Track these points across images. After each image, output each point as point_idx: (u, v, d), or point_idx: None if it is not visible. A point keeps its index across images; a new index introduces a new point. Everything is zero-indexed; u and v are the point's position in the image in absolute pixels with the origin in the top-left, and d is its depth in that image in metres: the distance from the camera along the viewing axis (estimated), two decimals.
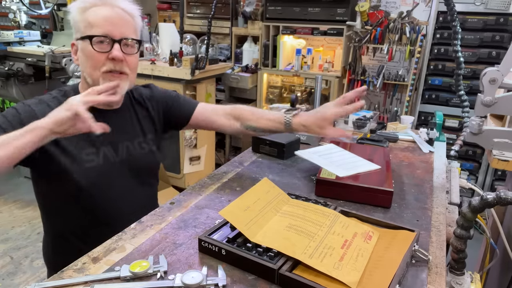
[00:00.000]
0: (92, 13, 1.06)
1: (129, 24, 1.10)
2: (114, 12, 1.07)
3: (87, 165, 1.09)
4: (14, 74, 3.09)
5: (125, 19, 1.09)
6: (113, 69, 1.07)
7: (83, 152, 1.09)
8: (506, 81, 1.24)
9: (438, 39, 3.02)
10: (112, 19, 1.06)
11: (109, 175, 1.13)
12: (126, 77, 1.10)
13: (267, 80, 3.73)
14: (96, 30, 1.04)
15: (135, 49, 1.11)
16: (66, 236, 1.17)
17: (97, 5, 1.06)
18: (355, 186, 1.05)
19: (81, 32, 1.06)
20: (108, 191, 1.14)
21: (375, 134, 1.65)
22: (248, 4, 3.67)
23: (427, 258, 0.79)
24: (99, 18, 1.05)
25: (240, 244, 0.78)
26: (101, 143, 1.12)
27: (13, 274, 2.39)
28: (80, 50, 1.09)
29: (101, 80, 1.07)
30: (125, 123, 1.20)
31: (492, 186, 3.05)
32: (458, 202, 1.18)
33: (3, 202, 3.25)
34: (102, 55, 1.05)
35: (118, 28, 1.06)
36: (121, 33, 1.06)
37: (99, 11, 1.06)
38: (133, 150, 1.19)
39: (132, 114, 1.23)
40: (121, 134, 1.17)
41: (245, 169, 1.29)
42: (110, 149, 1.14)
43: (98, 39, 1.04)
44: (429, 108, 3.14)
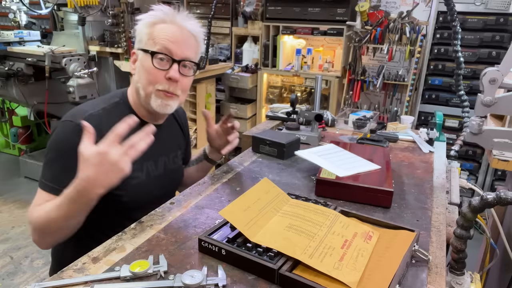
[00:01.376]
0: (159, 28, 1.06)
1: (192, 46, 1.10)
2: (180, 32, 1.07)
3: (133, 182, 1.09)
4: (14, 74, 3.08)
5: (189, 40, 1.09)
6: (167, 89, 1.08)
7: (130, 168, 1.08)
8: (506, 81, 1.24)
9: (438, 39, 3.02)
10: (176, 38, 1.06)
11: (150, 189, 1.15)
12: (177, 98, 1.11)
13: (267, 80, 3.73)
14: (159, 46, 1.05)
15: (191, 71, 1.12)
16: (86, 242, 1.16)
17: (166, 22, 1.06)
18: (355, 186, 1.05)
19: (144, 43, 1.07)
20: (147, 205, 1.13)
21: (375, 134, 1.65)
22: (248, 4, 3.68)
23: (427, 258, 0.79)
24: (164, 35, 1.05)
25: (240, 244, 0.78)
26: (143, 159, 1.10)
27: (13, 274, 2.39)
28: (139, 61, 1.09)
29: (153, 97, 1.08)
30: (164, 138, 1.22)
31: (492, 186, 3.05)
32: (458, 202, 1.18)
33: (3, 202, 3.25)
34: (159, 72, 1.06)
35: (180, 48, 1.06)
36: (182, 53, 1.07)
37: (167, 28, 1.06)
38: (169, 165, 1.22)
39: (171, 130, 1.27)
40: (161, 149, 1.20)
41: (245, 169, 1.29)
42: (152, 164, 1.16)
43: (159, 55, 1.05)
44: (429, 108, 3.14)
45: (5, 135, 4.21)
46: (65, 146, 1.01)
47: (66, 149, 1.01)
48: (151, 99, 1.08)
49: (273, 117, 1.88)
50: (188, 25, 1.08)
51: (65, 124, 1.03)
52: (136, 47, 1.11)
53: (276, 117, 1.87)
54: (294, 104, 1.70)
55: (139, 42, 1.09)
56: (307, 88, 3.66)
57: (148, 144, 0.93)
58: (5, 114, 4.07)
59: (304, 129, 1.59)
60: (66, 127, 1.03)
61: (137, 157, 1.10)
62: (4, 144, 4.34)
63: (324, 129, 1.76)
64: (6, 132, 4.19)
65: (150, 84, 1.07)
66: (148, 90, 1.08)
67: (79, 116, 1.04)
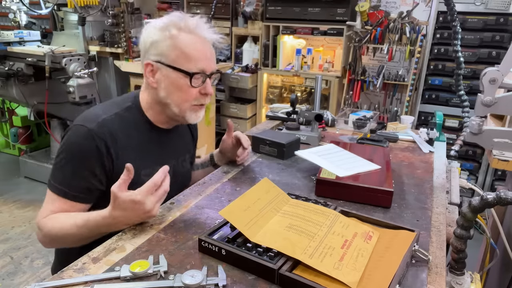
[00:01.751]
0: (186, 42, 1.03)
1: (214, 56, 1.11)
2: (206, 45, 1.07)
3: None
4: (14, 74, 3.08)
5: (213, 52, 1.09)
6: (203, 103, 1.10)
7: (141, 173, 1.09)
8: (506, 81, 1.24)
9: (438, 39, 3.02)
10: (206, 53, 1.06)
11: None
12: (204, 107, 1.14)
13: (267, 80, 3.73)
14: (194, 65, 1.03)
15: (216, 80, 1.15)
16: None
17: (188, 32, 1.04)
18: (355, 186, 1.05)
19: (172, 60, 1.03)
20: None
21: (375, 134, 1.65)
22: (248, 4, 3.68)
23: (427, 258, 0.79)
24: (197, 52, 1.04)
25: (240, 244, 0.78)
26: (154, 163, 1.11)
27: (13, 274, 2.39)
28: (166, 77, 1.05)
29: (188, 112, 1.09)
30: (174, 142, 1.22)
31: (492, 186, 3.05)
32: (458, 202, 1.18)
33: (3, 202, 3.25)
34: (196, 89, 1.06)
35: (211, 63, 1.07)
36: (212, 68, 1.08)
37: (195, 42, 1.04)
38: (177, 168, 1.23)
39: (181, 133, 1.27)
40: (171, 153, 1.20)
41: (245, 169, 1.29)
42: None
43: (196, 75, 1.04)
44: (429, 108, 3.14)
45: (5, 135, 4.21)
46: (77, 151, 1.01)
47: (78, 154, 1.01)
48: (186, 114, 1.09)
49: (273, 117, 1.88)
50: (208, 35, 1.08)
51: (78, 129, 1.02)
52: (153, 59, 1.05)
53: (276, 117, 1.87)
54: (294, 104, 1.70)
55: (161, 56, 1.04)
56: (307, 88, 3.66)
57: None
58: (5, 114, 4.07)
59: (304, 129, 1.59)
60: (79, 131, 1.02)
61: (148, 162, 1.10)
62: (4, 144, 4.34)
63: (324, 129, 1.76)
64: (6, 132, 4.19)
65: (186, 101, 1.07)
66: (184, 107, 1.08)
67: (92, 120, 1.03)
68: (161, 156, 1.15)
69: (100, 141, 1.00)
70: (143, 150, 1.11)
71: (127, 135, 1.07)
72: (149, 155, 1.12)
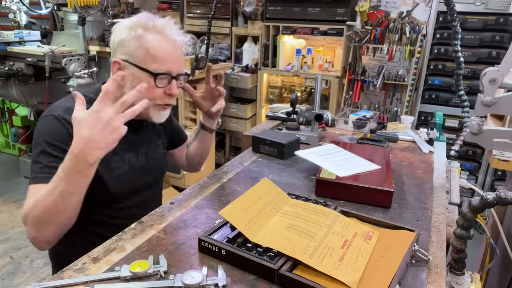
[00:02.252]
0: (153, 43, 1.04)
1: (183, 58, 1.12)
2: (174, 46, 1.07)
3: (116, 172, 1.11)
4: (14, 74, 3.08)
5: (181, 54, 1.10)
6: (167, 103, 1.10)
7: (112, 160, 1.10)
8: (506, 81, 1.24)
9: (438, 39, 3.02)
10: (174, 55, 1.06)
11: (134, 179, 1.16)
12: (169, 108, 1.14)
13: (267, 80, 3.73)
14: (160, 66, 1.04)
15: (183, 83, 1.14)
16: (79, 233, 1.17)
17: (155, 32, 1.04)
18: (355, 186, 1.05)
19: (139, 60, 1.04)
20: (132, 195, 1.17)
21: (375, 134, 1.65)
22: (248, 4, 3.67)
23: (427, 258, 0.79)
24: (163, 53, 1.04)
25: (240, 244, 0.78)
26: (125, 150, 1.14)
27: (13, 274, 2.39)
28: (132, 76, 1.05)
29: (152, 110, 1.09)
30: (144, 130, 1.23)
31: (492, 186, 3.05)
32: (458, 202, 1.18)
33: (3, 202, 3.25)
34: (159, 90, 1.06)
35: (177, 64, 1.08)
36: (178, 69, 1.08)
37: (162, 43, 1.04)
38: (150, 155, 1.23)
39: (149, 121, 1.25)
40: (141, 140, 1.21)
41: (245, 169, 1.29)
42: (133, 155, 1.17)
43: (161, 76, 1.05)
44: (429, 108, 3.14)
45: (5, 135, 4.21)
46: (50, 137, 1.01)
47: (50, 140, 1.00)
48: (150, 113, 1.09)
49: (273, 117, 1.88)
50: (176, 36, 1.08)
51: (45, 119, 1.04)
52: (121, 57, 1.06)
53: (276, 117, 1.87)
54: (294, 104, 1.70)
55: (127, 54, 1.05)
56: (307, 88, 3.66)
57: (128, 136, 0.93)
58: (5, 114, 4.07)
59: (304, 129, 1.59)
60: (47, 120, 1.03)
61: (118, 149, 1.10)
62: (4, 144, 4.34)
63: (324, 129, 1.76)
64: (6, 132, 4.19)
65: (150, 101, 1.07)
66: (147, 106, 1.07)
67: (57, 109, 1.04)
68: (132, 144, 1.16)
69: (67, 124, 1.01)
70: None
71: None
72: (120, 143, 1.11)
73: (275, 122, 1.83)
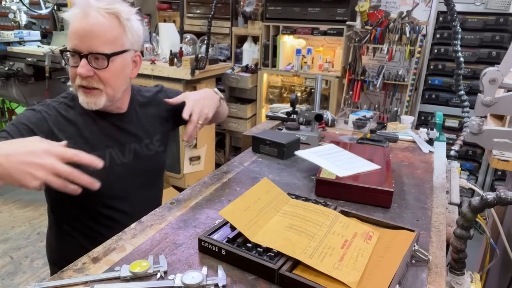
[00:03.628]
0: (69, 17, 1.02)
1: (103, 34, 1.01)
2: (87, 18, 0.99)
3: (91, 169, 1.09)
4: (14, 74, 3.09)
5: (97, 28, 1.00)
6: (81, 84, 1.04)
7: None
8: (506, 81, 1.24)
9: (438, 39, 3.02)
10: (80, 32, 1.00)
11: (118, 177, 1.14)
12: (100, 92, 1.06)
13: (267, 80, 3.73)
14: (68, 43, 1.03)
15: (105, 63, 1.03)
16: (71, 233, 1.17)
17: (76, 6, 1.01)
18: (355, 186, 1.05)
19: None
20: (115, 191, 1.15)
21: (375, 134, 1.65)
22: (248, 4, 3.67)
23: (427, 258, 0.79)
24: (71, 31, 1.01)
25: (240, 244, 0.78)
26: (105, 146, 1.13)
27: (13, 274, 2.39)
28: None
29: (78, 93, 1.07)
30: (131, 126, 1.21)
31: (492, 186, 3.05)
32: (458, 202, 1.18)
33: (3, 202, 3.25)
34: (74, 69, 1.03)
35: (84, 42, 1.00)
36: (87, 47, 1.00)
37: (74, 16, 1.00)
38: (140, 152, 1.21)
39: (138, 117, 1.24)
40: (128, 137, 1.19)
41: (245, 169, 1.29)
42: (117, 151, 1.15)
43: (68, 54, 1.03)
44: (429, 108, 3.14)
45: None
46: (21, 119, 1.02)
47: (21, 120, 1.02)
48: (79, 96, 1.07)
49: (273, 117, 1.88)
50: (100, 4, 1.00)
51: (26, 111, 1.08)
52: None
53: (276, 117, 1.87)
54: (294, 104, 1.70)
55: None
56: (307, 88, 3.66)
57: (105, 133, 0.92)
58: (5, 114, 4.07)
59: (304, 129, 1.59)
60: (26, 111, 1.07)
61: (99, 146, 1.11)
62: None
63: (324, 129, 1.76)
64: None
65: (72, 81, 1.07)
66: (73, 87, 1.08)
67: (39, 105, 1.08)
68: (115, 140, 1.15)
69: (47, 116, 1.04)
70: (89, 134, 1.11)
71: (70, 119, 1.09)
72: (97, 138, 1.11)
73: (275, 122, 1.83)
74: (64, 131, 1.07)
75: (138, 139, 1.21)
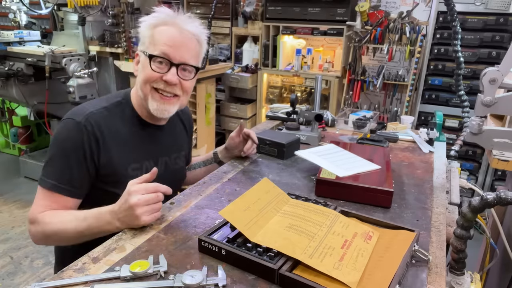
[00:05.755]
0: (159, 31, 1.05)
1: (192, 49, 1.09)
2: (181, 35, 1.06)
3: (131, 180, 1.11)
4: (14, 74, 3.08)
5: (189, 44, 1.07)
6: (163, 89, 1.07)
7: (129, 167, 1.10)
8: (506, 81, 1.24)
9: (438, 39, 3.02)
10: (175, 41, 1.05)
11: None
12: (178, 99, 1.11)
13: (267, 80, 3.73)
14: (158, 49, 1.04)
15: (192, 75, 1.11)
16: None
17: (167, 24, 1.06)
18: (355, 186, 1.05)
19: (145, 46, 1.07)
20: None
21: (375, 134, 1.65)
22: (248, 4, 3.68)
23: (427, 258, 0.79)
24: (163, 38, 1.04)
25: (240, 244, 0.78)
26: (143, 158, 1.14)
27: (13, 274, 2.39)
28: (141, 63, 1.09)
29: (150, 98, 1.08)
30: (167, 139, 1.23)
31: (492, 186, 3.05)
32: (458, 202, 1.18)
33: (3, 202, 3.25)
34: (157, 74, 1.05)
35: (179, 52, 1.05)
36: (181, 57, 1.06)
37: (167, 31, 1.05)
38: (170, 165, 1.23)
39: (174, 130, 1.27)
40: (162, 149, 1.21)
41: (245, 169, 1.29)
42: (152, 163, 1.16)
43: (158, 59, 1.05)
44: (429, 108, 3.14)
45: (5, 135, 4.21)
46: (68, 144, 1.02)
47: (68, 147, 1.02)
48: (148, 100, 1.08)
49: (273, 117, 1.88)
50: (189, 27, 1.07)
51: (67, 122, 1.04)
52: (139, 49, 1.11)
53: (276, 117, 1.87)
54: (294, 104, 1.70)
55: (142, 44, 1.09)
56: (307, 88, 3.66)
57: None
58: (5, 114, 4.07)
59: (304, 129, 1.59)
60: (68, 124, 1.04)
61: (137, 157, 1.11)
62: (4, 144, 4.34)
63: (324, 129, 1.76)
64: (6, 132, 4.19)
65: (147, 82, 1.07)
66: (145, 89, 1.08)
67: (81, 114, 1.05)
68: (152, 152, 1.16)
69: (88, 133, 1.02)
70: (132, 145, 1.11)
71: (115, 129, 1.09)
72: (138, 150, 1.13)
73: (275, 122, 1.83)
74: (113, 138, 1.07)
75: (169, 153, 1.24)
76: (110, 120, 1.08)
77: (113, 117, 1.10)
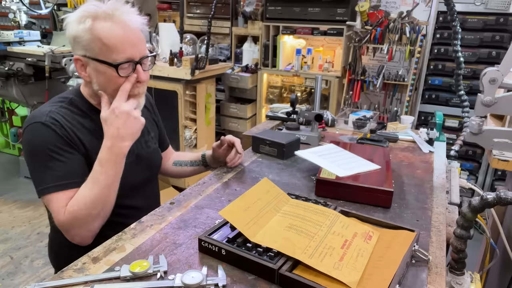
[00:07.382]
0: (104, 32, 0.97)
1: (143, 39, 1.05)
2: (128, 30, 1.00)
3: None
4: (14, 74, 3.08)
5: (139, 35, 1.03)
6: (135, 93, 1.05)
7: None
8: (506, 81, 1.24)
9: (438, 39, 3.02)
10: (129, 39, 1.00)
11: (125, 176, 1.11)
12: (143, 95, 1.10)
13: (267, 80, 3.73)
14: (118, 55, 0.98)
15: (149, 62, 1.08)
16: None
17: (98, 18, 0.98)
18: (355, 186, 1.05)
19: (95, 53, 0.99)
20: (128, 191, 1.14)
21: (375, 134, 1.65)
22: (248, 4, 3.67)
23: (427, 258, 0.79)
24: (117, 41, 0.98)
25: (240, 244, 0.78)
26: None
27: (13, 274, 2.39)
28: (95, 71, 1.02)
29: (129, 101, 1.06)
30: None
31: (492, 186, 3.04)
32: (458, 202, 1.18)
33: (3, 202, 3.25)
34: (122, 79, 1.02)
35: (137, 48, 1.01)
36: (140, 52, 1.02)
37: (113, 30, 0.98)
38: (141, 150, 1.21)
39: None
40: None
41: (245, 169, 1.29)
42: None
43: (124, 65, 1.00)
44: (429, 108, 3.14)
45: (5, 135, 4.21)
46: (45, 144, 1.00)
47: (47, 146, 1.00)
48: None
49: (273, 117, 1.88)
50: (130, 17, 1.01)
51: (33, 127, 1.02)
52: (80, 53, 1.01)
53: (276, 117, 1.87)
54: (294, 104, 1.70)
55: (83, 49, 1.00)
56: (307, 88, 3.66)
57: None
58: (5, 114, 4.07)
59: (304, 129, 1.59)
60: (35, 128, 1.01)
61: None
62: (4, 144, 4.34)
63: (324, 129, 1.76)
64: (6, 132, 4.19)
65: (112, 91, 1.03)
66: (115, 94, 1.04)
67: (42, 115, 1.02)
68: None
69: (57, 127, 1.01)
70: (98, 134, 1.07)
71: (77, 121, 1.07)
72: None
73: (275, 122, 1.83)
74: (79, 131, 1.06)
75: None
76: (70, 115, 1.06)
77: (71, 112, 1.07)
